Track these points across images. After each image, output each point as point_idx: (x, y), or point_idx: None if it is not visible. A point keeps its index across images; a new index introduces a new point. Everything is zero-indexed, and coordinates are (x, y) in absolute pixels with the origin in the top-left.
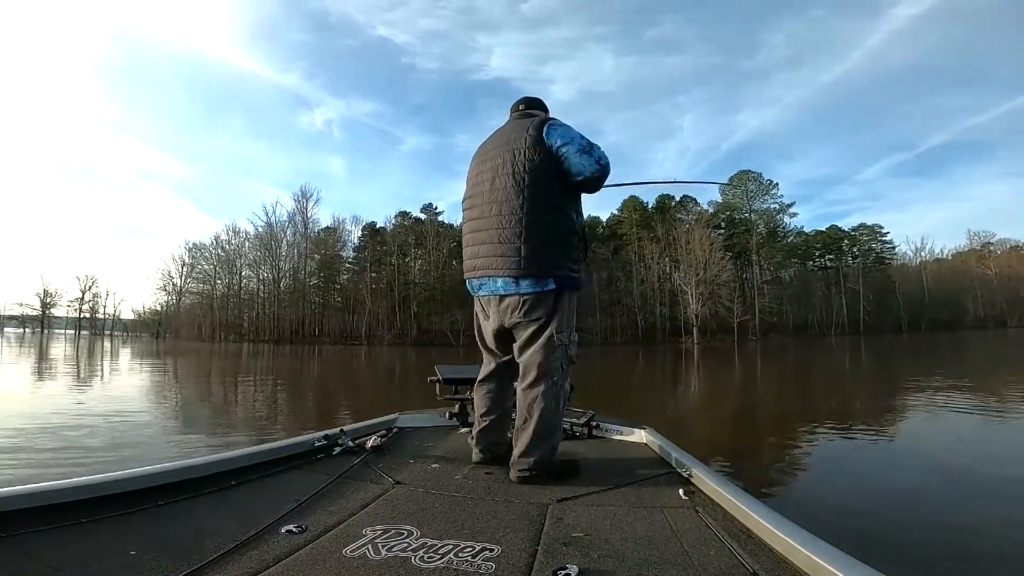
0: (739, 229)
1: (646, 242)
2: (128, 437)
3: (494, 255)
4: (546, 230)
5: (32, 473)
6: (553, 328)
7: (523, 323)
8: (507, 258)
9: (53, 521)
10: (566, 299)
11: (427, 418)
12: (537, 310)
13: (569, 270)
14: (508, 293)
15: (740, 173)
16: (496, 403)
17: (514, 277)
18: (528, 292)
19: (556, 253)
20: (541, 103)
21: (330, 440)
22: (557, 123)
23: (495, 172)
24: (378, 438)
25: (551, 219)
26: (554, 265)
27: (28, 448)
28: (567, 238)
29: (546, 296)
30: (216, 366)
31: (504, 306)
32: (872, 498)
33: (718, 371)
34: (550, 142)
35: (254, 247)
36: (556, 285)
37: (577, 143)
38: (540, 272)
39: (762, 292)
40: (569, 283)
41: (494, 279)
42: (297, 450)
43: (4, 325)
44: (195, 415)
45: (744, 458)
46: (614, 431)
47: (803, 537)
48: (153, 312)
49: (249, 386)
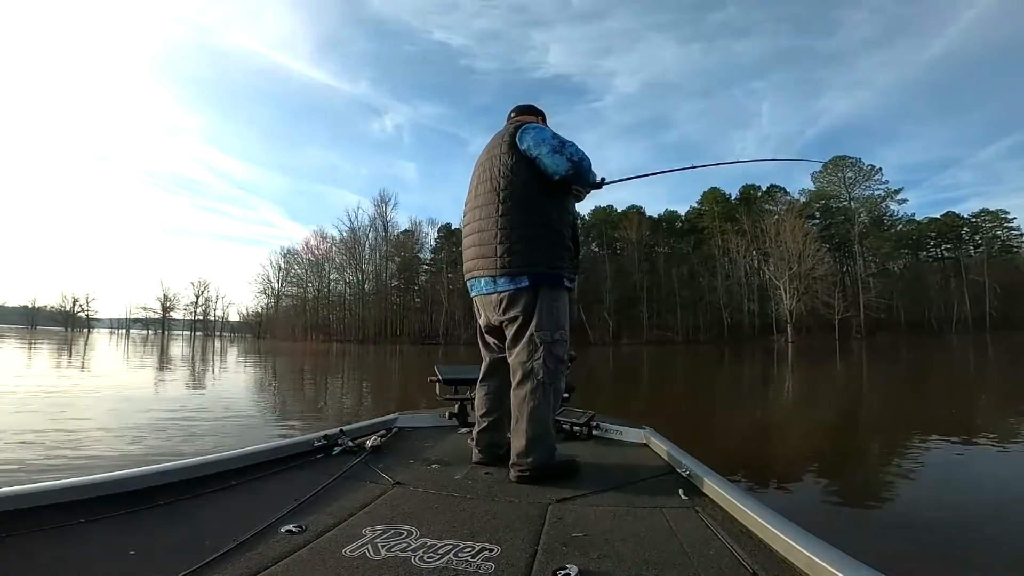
0: (837, 218)
1: (730, 235)
2: (242, 419)
3: (479, 256)
4: (521, 230)
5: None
6: (533, 327)
7: (505, 321)
8: (487, 259)
9: (53, 521)
10: (545, 297)
11: (427, 418)
12: (514, 307)
13: (546, 267)
14: (489, 292)
15: (836, 159)
16: (495, 403)
17: (492, 276)
18: (504, 289)
19: (530, 251)
20: (532, 108)
21: (330, 440)
22: (530, 127)
23: (479, 179)
24: (378, 438)
25: (526, 220)
26: (527, 263)
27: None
28: (544, 237)
29: (521, 293)
30: (311, 364)
31: (489, 304)
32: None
33: (815, 372)
34: (523, 146)
35: (340, 251)
36: (529, 282)
37: (548, 144)
38: (514, 270)
39: (867, 286)
40: (546, 280)
41: (480, 279)
42: (297, 450)
43: (131, 327)
44: (295, 406)
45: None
46: (614, 431)
47: (803, 537)
48: (255, 314)
49: (337, 381)
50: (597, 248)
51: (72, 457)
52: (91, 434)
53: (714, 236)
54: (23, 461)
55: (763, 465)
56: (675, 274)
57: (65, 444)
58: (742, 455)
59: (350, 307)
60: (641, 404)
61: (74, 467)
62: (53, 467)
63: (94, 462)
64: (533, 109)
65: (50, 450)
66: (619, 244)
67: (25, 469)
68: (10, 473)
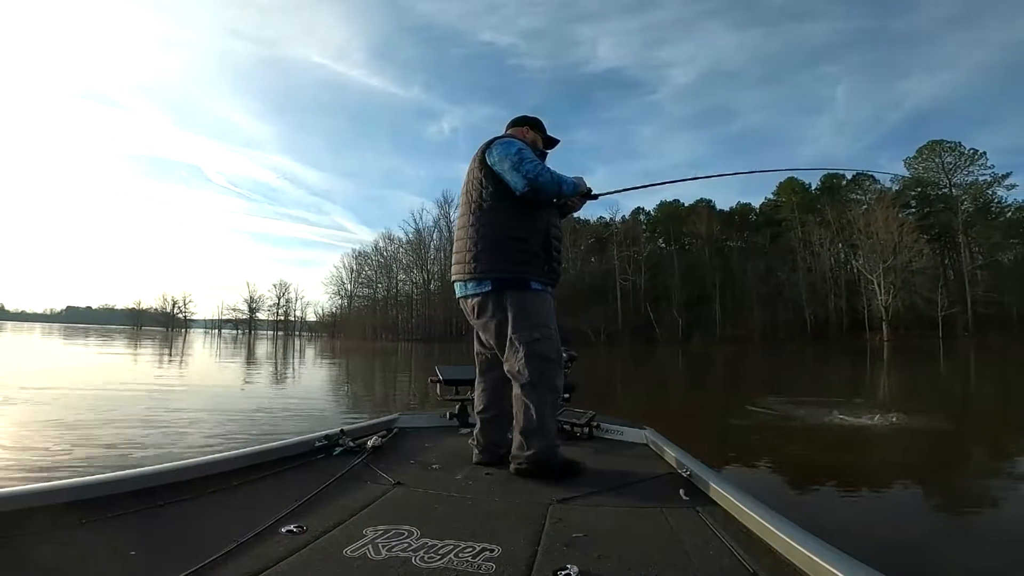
0: (936, 207)
1: (812, 226)
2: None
3: (457, 262)
4: (488, 239)
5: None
6: (509, 329)
7: (480, 325)
8: (460, 264)
9: (53, 521)
10: (513, 299)
11: (427, 418)
12: (485, 311)
13: (509, 273)
14: (463, 295)
15: (931, 143)
16: (491, 400)
17: (464, 280)
18: (472, 293)
19: (493, 258)
20: (521, 120)
21: (330, 440)
22: (499, 142)
23: (463, 189)
24: (378, 438)
25: (491, 230)
26: (490, 268)
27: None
28: (508, 246)
29: (487, 297)
30: (383, 362)
31: (466, 307)
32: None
33: (923, 374)
34: (491, 161)
35: (407, 253)
36: (492, 286)
37: (509, 160)
38: (479, 275)
39: (974, 279)
40: (509, 284)
41: (456, 283)
42: (297, 450)
43: (222, 327)
44: (369, 400)
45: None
46: (615, 431)
47: (803, 537)
48: (330, 315)
49: (405, 377)
50: (664, 244)
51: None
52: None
53: (793, 228)
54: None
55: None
56: (750, 269)
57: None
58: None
59: (417, 307)
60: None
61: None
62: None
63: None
64: (522, 120)
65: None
66: (687, 239)
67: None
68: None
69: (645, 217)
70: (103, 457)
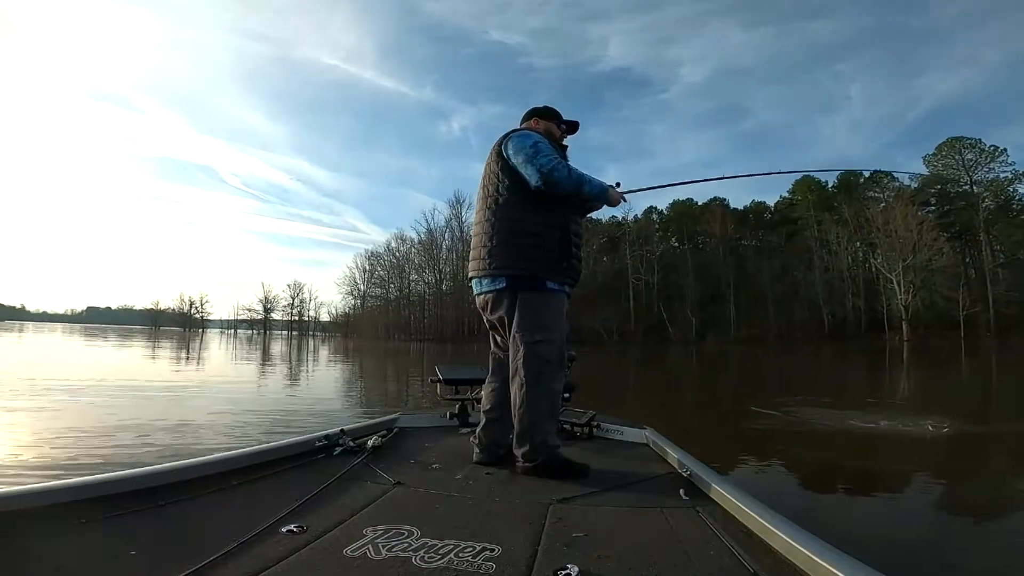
0: (957, 205)
1: (829, 225)
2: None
3: (474, 259)
4: (503, 234)
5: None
6: (515, 327)
7: (493, 321)
8: (477, 260)
9: (53, 521)
10: (524, 299)
11: (428, 418)
12: (497, 308)
13: (523, 270)
14: (479, 292)
15: (951, 140)
16: (498, 402)
17: (479, 277)
18: (487, 290)
19: (508, 254)
20: (538, 111)
21: (331, 440)
22: (515, 135)
23: (480, 184)
24: (379, 438)
25: (507, 225)
26: (505, 265)
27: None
28: (524, 242)
29: (501, 294)
30: (396, 362)
31: (481, 303)
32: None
33: (942, 375)
34: (507, 154)
35: (419, 253)
36: (506, 284)
37: (524, 153)
38: (493, 272)
39: (996, 278)
40: (523, 282)
41: (473, 280)
42: (297, 450)
43: (238, 327)
44: (382, 396)
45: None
46: (615, 431)
47: (803, 537)
48: (343, 315)
49: (417, 377)
50: (677, 243)
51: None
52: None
53: (809, 227)
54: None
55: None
56: (765, 268)
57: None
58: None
59: (429, 307)
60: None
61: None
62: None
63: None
64: (530, 114)
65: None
66: (701, 238)
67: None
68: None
69: (658, 216)
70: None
